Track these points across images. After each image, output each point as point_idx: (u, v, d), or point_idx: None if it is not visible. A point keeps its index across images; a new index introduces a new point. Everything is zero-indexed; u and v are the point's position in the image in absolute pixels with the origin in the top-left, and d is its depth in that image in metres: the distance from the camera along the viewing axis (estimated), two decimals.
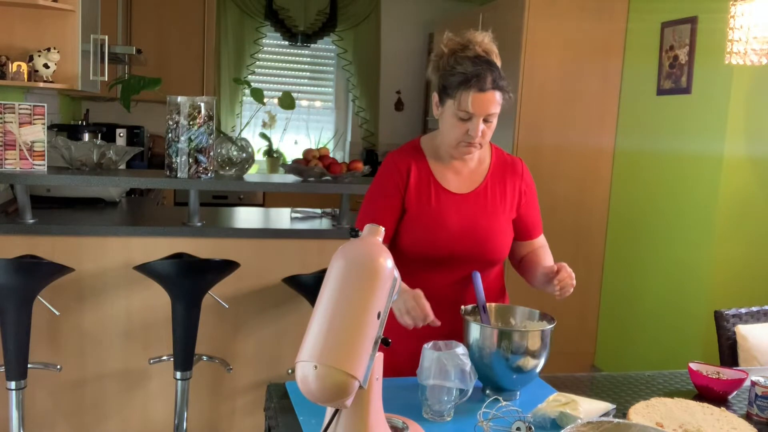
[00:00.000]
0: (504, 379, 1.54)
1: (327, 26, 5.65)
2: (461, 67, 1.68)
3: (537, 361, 1.52)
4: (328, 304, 1.10)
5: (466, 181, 1.82)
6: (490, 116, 1.69)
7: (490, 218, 1.80)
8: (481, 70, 1.66)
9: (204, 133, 2.73)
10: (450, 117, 1.71)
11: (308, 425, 1.35)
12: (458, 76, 1.67)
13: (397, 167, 1.80)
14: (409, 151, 1.83)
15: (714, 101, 3.36)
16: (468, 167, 1.83)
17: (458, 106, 1.67)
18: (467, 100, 1.66)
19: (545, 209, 4.13)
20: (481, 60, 1.70)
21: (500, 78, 1.69)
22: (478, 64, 1.68)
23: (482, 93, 1.66)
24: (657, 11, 3.79)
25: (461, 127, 1.70)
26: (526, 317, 1.69)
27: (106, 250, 2.74)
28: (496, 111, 1.69)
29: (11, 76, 2.91)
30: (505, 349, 1.50)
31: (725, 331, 2.33)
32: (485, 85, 1.66)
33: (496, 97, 1.68)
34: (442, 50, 1.75)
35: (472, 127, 1.68)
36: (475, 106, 1.66)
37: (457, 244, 1.75)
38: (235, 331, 2.93)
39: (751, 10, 2.61)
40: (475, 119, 1.67)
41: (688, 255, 3.53)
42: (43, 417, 2.80)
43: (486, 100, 1.66)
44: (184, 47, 5.04)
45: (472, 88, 1.65)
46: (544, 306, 1.74)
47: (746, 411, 1.58)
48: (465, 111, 1.67)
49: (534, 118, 4.01)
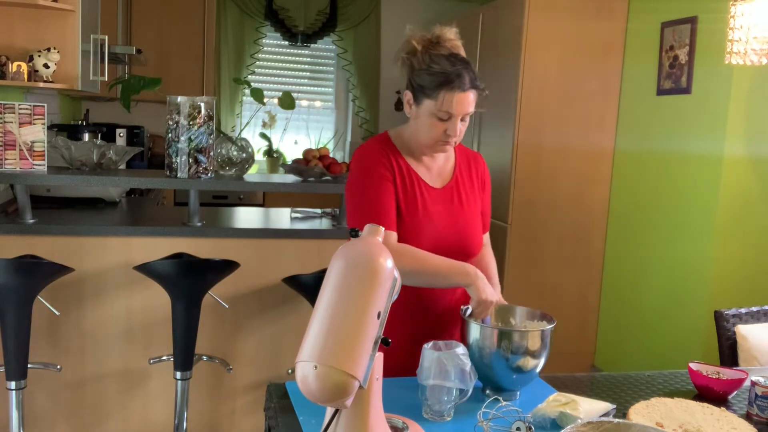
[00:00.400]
0: (504, 379, 1.54)
1: (327, 26, 5.65)
2: (438, 66, 1.66)
3: (537, 361, 1.52)
4: (328, 304, 1.10)
5: (437, 177, 1.81)
6: (467, 115, 1.70)
7: (466, 211, 1.81)
8: (460, 70, 1.65)
9: (204, 133, 2.73)
10: (428, 117, 1.69)
11: (308, 425, 1.35)
12: (438, 76, 1.65)
13: (380, 159, 1.74)
14: (385, 145, 1.78)
15: (714, 101, 3.36)
16: (437, 163, 1.82)
17: (439, 107, 1.66)
18: (450, 101, 1.64)
19: (545, 209, 4.17)
20: (458, 58, 1.68)
21: (476, 77, 1.69)
22: (456, 63, 1.66)
23: (463, 93, 1.65)
24: (657, 11, 3.79)
25: (440, 127, 1.68)
26: (526, 317, 1.69)
27: (106, 250, 2.74)
28: (473, 110, 1.70)
29: (11, 76, 2.92)
30: (505, 349, 1.50)
31: (725, 331, 2.33)
32: (465, 85, 1.65)
33: (474, 97, 1.69)
34: (413, 47, 1.71)
35: (450, 127, 1.68)
36: (456, 106, 1.65)
37: (442, 238, 1.75)
38: (235, 331, 2.93)
39: (751, 10, 2.61)
40: (454, 119, 1.67)
41: (688, 255, 3.53)
42: (43, 417, 2.80)
43: (466, 100, 1.66)
44: (184, 47, 5.04)
45: (454, 88, 1.64)
46: (543, 306, 1.74)
47: (746, 411, 1.58)
48: (446, 112, 1.66)
49: (534, 118, 4.01)
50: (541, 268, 4.15)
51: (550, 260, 4.15)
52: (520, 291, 4.12)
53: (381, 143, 1.78)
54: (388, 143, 1.78)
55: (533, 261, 4.13)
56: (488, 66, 4.36)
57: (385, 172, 1.72)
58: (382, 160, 1.74)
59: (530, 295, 4.11)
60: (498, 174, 4.19)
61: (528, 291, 4.12)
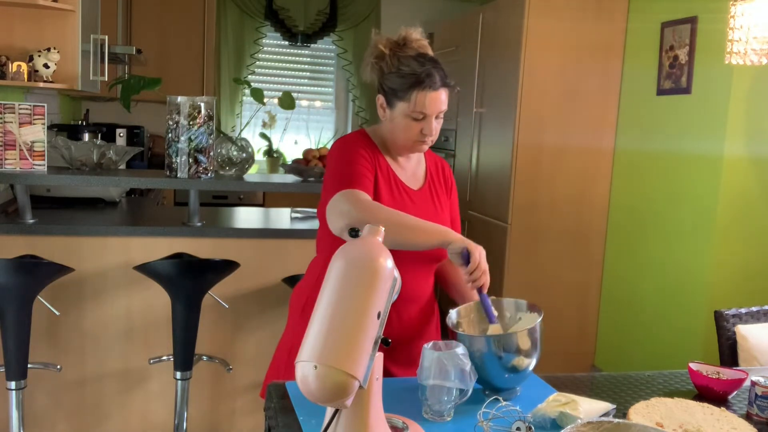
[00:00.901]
0: (500, 380, 1.53)
1: (327, 26, 5.65)
2: (408, 67, 1.66)
3: (530, 359, 1.52)
4: (328, 304, 1.10)
5: (411, 179, 1.81)
6: (441, 113, 1.70)
7: (439, 214, 1.81)
8: (429, 69, 1.66)
9: (204, 133, 2.73)
10: (403, 118, 1.69)
11: (308, 425, 1.35)
12: (408, 78, 1.66)
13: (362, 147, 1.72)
14: (364, 141, 1.77)
15: (714, 101, 3.36)
16: (410, 165, 1.82)
17: (413, 107, 1.66)
18: (423, 101, 1.65)
19: (545, 209, 4.17)
20: (426, 58, 1.69)
21: (445, 74, 1.69)
22: (424, 63, 1.67)
23: (434, 92, 1.66)
24: (657, 11, 3.79)
25: (415, 127, 1.69)
26: (514, 309, 1.69)
27: (106, 250, 2.74)
28: (446, 108, 1.70)
29: (11, 76, 2.92)
30: (497, 353, 1.49)
31: (725, 331, 2.33)
32: (436, 84, 1.66)
33: (446, 95, 1.69)
34: (381, 51, 1.71)
35: (426, 126, 1.68)
36: (429, 105, 1.66)
37: None
38: (235, 331, 2.93)
39: (751, 10, 2.61)
40: (428, 118, 1.68)
41: (688, 255, 3.53)
42: (43, 417, 2.80)
43: (438, 99, 1.67)
44: (184, 47, 5.05)
45: (426, 88, 1.65)
46: (543, 306, 1.74)
47: (746, 411, 1.58)
48: (420, 112, 1.66)
49: (534, 118, 4.01)
50: (541, 268, 4.15)
51: (550, 260, 4.15)
52: (519, 291, 4.12)
53: (362, 138, 1.78)
54: (367, 140, 1.77)
55: (533, 261, 4.13)
56: (488, 66, 4.36)
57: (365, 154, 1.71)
58: (364, 149, 1.73)
59: (530, 295, 4.11)
60: (498, 174, 4.19)
61: (528, 291, 4.12)
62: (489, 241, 4.21)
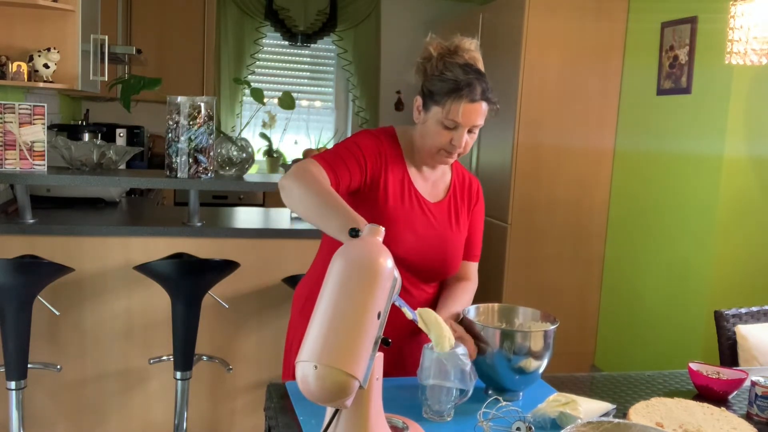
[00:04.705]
0: (507, 380, 1.53)
1: (327, 26, 5.65)
2: (451, 73, 1.63)
3: (540, 362, 1.52)
4: (328, 304, 1.10)
5: (431, 191, 1.76)
6: (475, 127, 1.65)
7: (454, 232, 1.75)
8: (472, 79, 1.62)
9: (204, 133, 2.73)
10: (434, 124, 1.65)
11: (308, 425, 1.35)
12: (448, 83, 1.62)
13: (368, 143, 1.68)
14: (390, 141, 1.73)
15: (714, 101, 3.36)
16: (434, 176, 1.77)
17: (446, 114, 1.62)
18: (457, 110, 1.60)
19: (545, 209, 4.17)
20: (472, 69, 1.66)
21: (489, 89, 1.66)
22: (469, 73, 1.64)
23: (472, 103, 1.61)
24: (657, 11, 3.79)
25: (445, 136, 1.64)
26: (529, 318, 1.68)
27: (106, 250, 2.74)
28: (481, 123, 1.65)
29: (11, 76, 2.92)
30: (507, 350, 1.50)
31: (725, 331, 2.33)
32: (476, 96, 1.62)
33: (483, 108, 1.64)
34: (430, 53, 1.69)
35: (456, 137, 1.63)
36: (464, 116, 1.61)
37: (419, 252, 1.68)
38: (235, 331, 2.93)
39: (751, 10, 2.61)
40: (460, 129, 1.63)
41: (688, 255, 3.53)
42: (43, 417, 2.80)
43: (474, 111, 1.62)
44: (184, 47, 5.05)
45: (463, 97, 1.61)
46: (543, 306, 1.74)
47: (746, 411, 1.58)
48: (452, 120, 1.62)
49: (534, 118, 4.01)
50: (541, 269, 4.15)
51: (550, 260, 4.15)
52: (520, 291, 4.12)
53: (385, 136, 1.73)
54: (393, 141, 1.74)
55: (533, 261, 4.13)
56: (488, 66, 4.33)
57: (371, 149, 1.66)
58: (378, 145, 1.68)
59: (530, 295, 4.11)
60: (498, 174, 4.19)
61: (528, 291, 4.12)
62: (489, 241, 4.21)
